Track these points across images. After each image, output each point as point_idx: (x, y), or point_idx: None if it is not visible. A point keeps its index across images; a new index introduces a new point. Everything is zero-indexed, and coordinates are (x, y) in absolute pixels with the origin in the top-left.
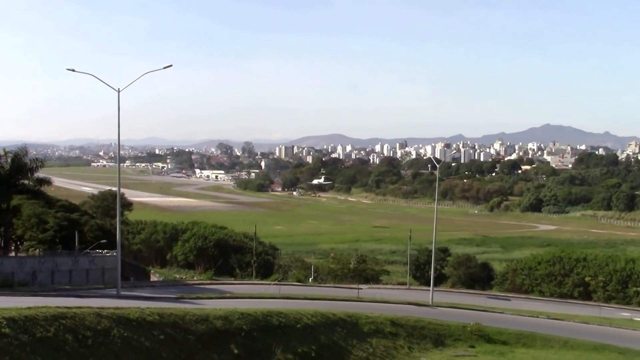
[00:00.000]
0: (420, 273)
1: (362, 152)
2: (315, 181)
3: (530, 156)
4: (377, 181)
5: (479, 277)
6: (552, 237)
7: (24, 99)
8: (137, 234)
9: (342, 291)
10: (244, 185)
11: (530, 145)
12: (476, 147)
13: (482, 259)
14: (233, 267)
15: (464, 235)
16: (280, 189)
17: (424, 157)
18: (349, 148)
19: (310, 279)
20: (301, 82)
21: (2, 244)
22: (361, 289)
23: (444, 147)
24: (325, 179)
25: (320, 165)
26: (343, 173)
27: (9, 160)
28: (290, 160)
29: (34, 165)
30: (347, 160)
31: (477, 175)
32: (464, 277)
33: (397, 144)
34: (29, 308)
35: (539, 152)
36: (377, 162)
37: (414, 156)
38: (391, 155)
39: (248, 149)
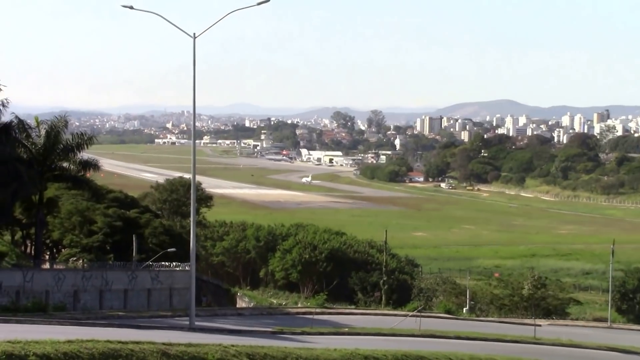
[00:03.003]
0: (628, 305)
1: (542, 126)
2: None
3: None
4: (563, 169)
5: None
6: None
7: (61, 52)
8: (219, 241)
9: (511, 328)
10: (370, 172)
11: None
12: None
13: None
14: (353, 290)
15: None
16: (422, 179)
17: (635, 135)
18: (522, 120)
19: (464, 310)
20: (452, 32)
21: (33, 252)
22: (539, 325)
23: None
24: (485, 165)
25: (480, 145)
26: (514, 156)
27: (43, 134)
28: (437, 137)
29: (78, 142)
30: (519, 137)
31: None
32: None
33: (595, 115)
34: (69, 342)
35: None
36: (565, 141)
37: (619, 132)
38: (585, 131)
39: (376, 120)
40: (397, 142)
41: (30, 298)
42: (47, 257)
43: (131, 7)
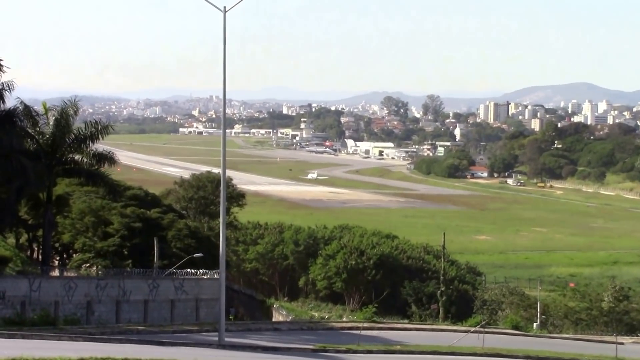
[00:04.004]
0: None
1: (624, 113)
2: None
3: None
4: None
5: None
6: None
7: (72, 29)
8: (252, 245)
9: (588, 346)
10: (425, 166)
11: None
12: None
13: None
14: (406, 302)
15: None
16: (485, 174)
17: None
18: (602, 106)
19: (534, 325)
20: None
21: (41, 257)
22: (622, 343)
23: None
24: (558, 157)
25: (553, 135)
26: (592, 148)
27: (52, 122)
28: (504, 126)
29: (92, 131)
30: (599, 126)
31: None
32: None
33: None
34: None
35: None
36: None
37: None
38: None
39: (433, 107)
40: (457, 131)
41: (38, 310)
42: (56, 263)
43: None
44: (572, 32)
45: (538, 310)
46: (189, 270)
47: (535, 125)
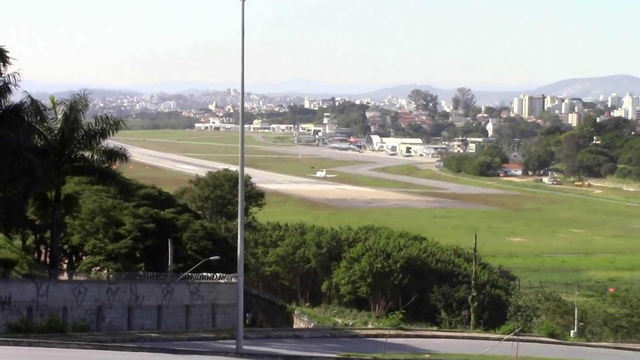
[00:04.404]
0: None
1: None
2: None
3: None
4: None
5: None
6: None
7: (81, 19)
8: (272, 247)
9: (629, 355)
10: (456, 164)
11: None
12: None
13: None
14: (435, 308)
15: None
16: (519, 172)
17: None
18: None
19: (571, 333)
20: None
21: (48, 260)
22: None
23: None
24: (597, 155)
25: (591, 131)
26: (633, 144)
27: (61, 117)
28: (539, 121)
29: (102, 127)
30: None
31: None
32: None
33: None
34: None
35: None
36: None
37: None
38: None
39: (464, 101)
40: (490, 126)
41: (45, 315)
42: (64, 266)
43: None
44: (612, 21)
45: (575, 316)
46: (205, 274)
47: (572, 120)
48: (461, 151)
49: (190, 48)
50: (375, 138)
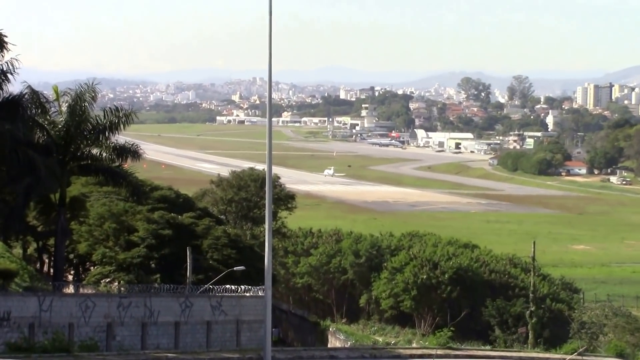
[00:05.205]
0: None
1: None
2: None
3: None
4: None
5: None
6: None
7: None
8: (304, 256)
9: None
10: (511, 162)
11: None
12: None
13: None
14: (488, 324)
15: None
16: (584, 171)
17: None
18: None
19: None
20: None
21: (52, 271)
22: None
23: None
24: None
25: None
26: None
27: (66, 109)
28: (606, 112)
29: (112, 121)
30: None
31: None
32: None
33: None
34: None
35: None
36: None
37: None
38: None
39: (520, 90)
40: (550, 119)
41: (49, 333)
42: (70, 277)
43: None
44: None
45: None
46: (228, 286)
47: None
48: (517, 147)
49: (212, 31)
50: (420, 133)
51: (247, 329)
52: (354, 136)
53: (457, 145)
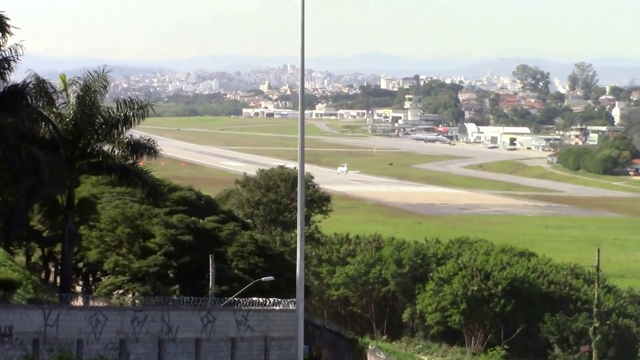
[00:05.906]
0: None
1: None
2: None
3: None
4: None
5: None
6: None
7: None
8: (340, 266)
9: None
10: (573, 160)
11: None
12: None
13: None
14: (547, 341)
15: None
16: None
17: None
18: None
19: None
20: None
21: (59, 281)
22: None
23: None
24: None
25: None
26: None
27: (74, 101)
28: None
29: (126, 113)
30: None
31: None
32: None
33: None
34: None
35: None
36: None
37: None
38: None
39: (583, 79)
40: (616, 112)
41: (55, 351)
42: (79, 288)
43: None
44: None
45: None
46: (255, 298)
47: None
48: (580, 143)
49: (237, 13)
50: (471, 127)
51: (276, 347)
52: (396, 131)
53: (512, 141)
